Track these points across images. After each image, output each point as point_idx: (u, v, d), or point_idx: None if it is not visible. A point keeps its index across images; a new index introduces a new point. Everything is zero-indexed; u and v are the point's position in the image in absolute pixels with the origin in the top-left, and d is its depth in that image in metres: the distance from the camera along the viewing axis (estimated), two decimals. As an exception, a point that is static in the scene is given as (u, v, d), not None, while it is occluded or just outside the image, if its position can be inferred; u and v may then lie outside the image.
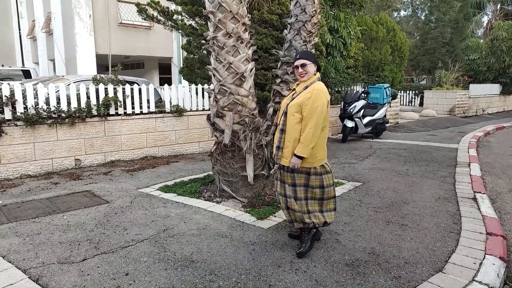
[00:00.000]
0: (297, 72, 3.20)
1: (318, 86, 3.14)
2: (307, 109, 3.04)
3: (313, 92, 3.08)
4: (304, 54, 3.24)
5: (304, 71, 3.16)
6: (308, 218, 3.24)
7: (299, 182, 3.23)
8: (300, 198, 3.24)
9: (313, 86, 3.13)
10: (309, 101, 3.04)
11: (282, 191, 3.29)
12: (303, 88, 3.17)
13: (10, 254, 3.20)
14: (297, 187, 3.24)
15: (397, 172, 6.19)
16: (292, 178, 3.23)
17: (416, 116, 15.01)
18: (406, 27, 35.06)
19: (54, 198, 4.74)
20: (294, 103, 3.12)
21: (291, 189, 3.25)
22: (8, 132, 5.59)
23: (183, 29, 8.37)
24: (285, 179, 3.25)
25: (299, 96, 3.13)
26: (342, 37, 10.34)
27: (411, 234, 3.69)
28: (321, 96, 3.08)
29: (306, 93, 3.11)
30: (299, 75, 3.20)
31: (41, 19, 16.86)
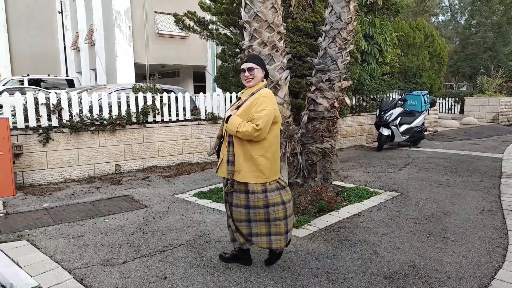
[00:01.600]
0: (243, 76, 2.96)
1: (264, 92, 2.89)
2: (256, 113, 2.77)
3: (260, 98, 2.83)
4: (252, 58, 3.05)
5: (251, 76, 2.92)
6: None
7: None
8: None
9: (259, 92, 2.88)
10: (255, 108, 2.79)
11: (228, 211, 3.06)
12: (248, 95, 2.91)
13: (56, 254, 3.37)
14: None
15: (437, 182, 5.97)
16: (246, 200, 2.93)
17: (457, 124, 14.42)
18: (445, 32, 33.91)
19: (96, 202, 4.95)
20: (239, 113, 2.85)
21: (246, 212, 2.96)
22: (54, 138, 5.90)
23: (218, 39, 8.53)
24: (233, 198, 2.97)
25: (245, 105, 2.87)
26: (377, 44, 10.15)
27: (454, 247, 3.54)
28: (268, 102, 2.82)
29: (251, 100, 2.85)
30: (245, 80, 2.95)
31: (84, 31, 17.77)
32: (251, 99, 2.87)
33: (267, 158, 2.87)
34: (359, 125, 10.32)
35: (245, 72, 2.93)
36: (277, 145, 2.99)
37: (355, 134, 10.23)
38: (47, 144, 5.83)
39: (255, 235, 2.98)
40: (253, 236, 2.98)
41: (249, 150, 2.83)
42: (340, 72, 5.19)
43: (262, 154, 2.84)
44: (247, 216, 2.93)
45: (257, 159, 2.83)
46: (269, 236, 2.95)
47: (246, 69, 2.94)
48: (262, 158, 2.84)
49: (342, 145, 9.73)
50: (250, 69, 2.93)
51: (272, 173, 2.91)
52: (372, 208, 4.69)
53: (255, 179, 2.85)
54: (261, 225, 2.94)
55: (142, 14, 14.85)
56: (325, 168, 5.22)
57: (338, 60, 5.15)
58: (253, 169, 2.84)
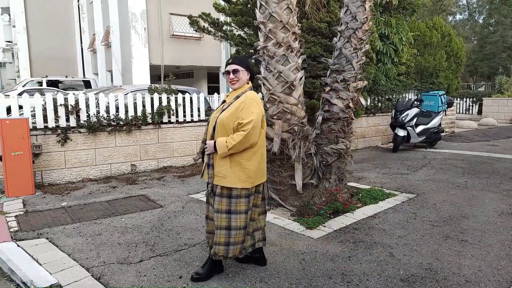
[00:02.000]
0: (227, 79, 2.89)
1: (251, 95, 2.83)
2: (243, 116, 2.71)
3: (246, 101, 2.77)
4: (236, 59, 2.95)
5: (236, 78, 2.85)
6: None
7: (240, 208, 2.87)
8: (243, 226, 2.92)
9: (246, 95, 2.82)
10: (243, 112, 2.72)
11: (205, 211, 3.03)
12: (233, 98, 2.84)
13: (75, 252, 3.43)
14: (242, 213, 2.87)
15: (454, 184, 5.86)
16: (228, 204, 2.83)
17: (474, 125, 14.14)
18: (462, 31, 33.28)
19: (112, 201, 5.02)
20: (224, 115, 2.77)
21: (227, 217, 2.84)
22: (72, 139, 6.02)
23: (232, 39, 8.57)
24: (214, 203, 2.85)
25: (231, 108, 2.80)
26: (393, 43, 10.03)
27: (472, 251, 3.47)
28: (255, 105, 2.77)
29: (238, 103, 2.78)
30: (230, 82, 2.88)
31: (100, 33, 18.07)
32: (237, 102, 2.80)
33: (255, 162, 2.81)
34: (374, 125, 10.22)
35: (230, 74, 2.86)
36: (264, 148, 2.93)
37: (370, 135, 10.13)
38: (65, 144, 5.95)
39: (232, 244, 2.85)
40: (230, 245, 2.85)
41: (236, 155, 2.76)
42: (355, 72, 5.15)
43: (249, 159, 2.78)
44: (228, 223, 2.81)
45: (244, 164, 2.77)
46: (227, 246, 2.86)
47: (230, 71, 2.86)
48: (249, 163, 2.78)
49: (357, 146, 9.64)
50: (234, 71, 2.85)
51: (258, 177, 2.87)
52: (388, 210, 4.64)
53: (242, 184, 2.78)
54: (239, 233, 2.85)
55: (157, 16, 15.02)
56: (339, 169, 5.18)
57: (353, 60, 5.12)
58: (240, 174, 2.77)
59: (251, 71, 2.96)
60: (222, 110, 2.84)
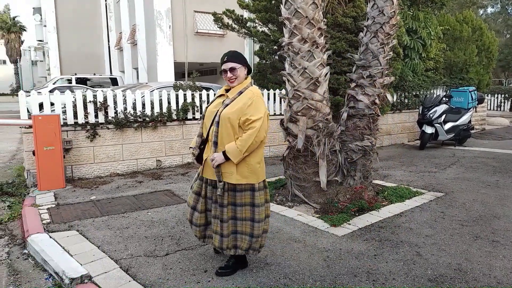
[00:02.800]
0: (225, 77, 2.83)
1: (257, 91, 2.83)
2: (251, 113, 2.70)
3: (253, 98, 2.75)
4: (232, 56, 2.84)
5: (233, 76, 2.79)
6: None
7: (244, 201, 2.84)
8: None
9: (252, 91, 2.80)
10: (251, 108, 2.71)
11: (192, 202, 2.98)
12: (237, 94, 2.79)
13: (104, 245, 3.54)
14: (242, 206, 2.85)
15: (485, 183, 5.67)
16: (233, 197, 2.83)
17: (506, 122, 13.60)
18: (494, 25, 32.01)
19: (139, 195, 5.14)
20: (229, 111, 2.72)
21: (232, 209, 2.84)
22: (101, 134, 6.19)
23: (256, 36, 8.57)
24: (223, 200, 2.81)
25: (235, 103, 2.74)
26: (421, 38, 9.75)
27: (504, 251, 3.35)
28: (262, 102, 2.81)
29: (244, 99, 2.74)
30: (229, 81, 2.82)
31: (127, 31, 18.45)
32: (243, 97, 2.76)
33: (258, 158, 2.82)
34: (400, 122, 9.99)
35: (227, 73, 2.80)
36: (264, 145, 2.89)
37: (395, 132, 9.91)
38: (94, 139, 6.13)
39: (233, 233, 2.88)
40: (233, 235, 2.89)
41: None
42: (382, 68, 5.05)
43: (253, 155, 2.78)
44: (234, 214, 2.84)
45: (250, 161, 2.77)
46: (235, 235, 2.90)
47: (227, 70, 2.80)
48: (253, 159, 2.78)
49: (382, 143, 9.46)
50: (232, 70, 2.80)
51: (262, 173, 2.88)
52: (415, 209, 4.54)
53: (246, 180, 2.79)
54: (246, 224, 2.86)
55: (182, 14, 15.19)
56: (364, 167, 5.11)
57: (380, 56, 5.02)
58: (243, 171, 2.77)
59: (248, 66, 2.90)
60: (225, 105, 2.77)
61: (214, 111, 2.83)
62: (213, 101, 2.96)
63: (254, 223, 2.84)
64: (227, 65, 2.81)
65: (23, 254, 3.53)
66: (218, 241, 2.87)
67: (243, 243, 2.88)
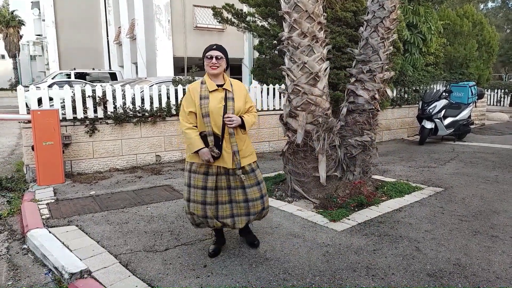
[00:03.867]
0: (209, 63, 2.95)
1: (242, 84, 3.21)
2: (250, 101, 3.15)
3: (245, 89, 3.15)
4: (220, 47, 3.02)
5: (217, 64, 2.95)
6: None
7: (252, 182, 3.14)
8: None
9: (238, 84, 3.14)
10: (248, 97, 3.13)
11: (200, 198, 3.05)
12: (230, 85, 3.03)
13: (103, 240, 3.54)
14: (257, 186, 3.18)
15: (484, 178, 5.67)
16: (255, 178, 3.13)
17: (506, 117, 13.60)
18: (494, 19, 31.88)
19: (138, 190, 5.14)
20: (240, 104, 3.01)
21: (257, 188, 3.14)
22: (100, 129, 6.18)
23: (255, 30, 8.52)
24: (246, 181, 3.06)
25: (237, 95, 3.02)
26: (421, 33, 9.71)
27: (503, 247, 3.36)
28: None
29: (240, 90, 3.08)
30: (211, 66, 2.95)
31: (126, 25, 18.36)
32: (239, 89, 3.07)
33: None
34: (399, 117, 9.98)
35: (213, 59, 2.94)
36: None
37: (395, 127, 9.91)
38: (93, 134, 6.12)
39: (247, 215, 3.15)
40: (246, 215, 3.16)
41: (245, 136, 3.09)
42: (382, 62, 5.03)
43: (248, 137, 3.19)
44: (261, 192, 3.13)
45: (249, 141, 3.16)
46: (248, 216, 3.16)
47: (214, 57, 2.95)
48: (249, 139, 3.19)
49: (382, 138, 9.46)
50: (218, 58, 2.96)
51: None
52: (414, 204, 4.54)
53: (254, 158, 3.17)
54: (257, 204, 3.12)
55: (181, 8, 15.11)
56: (364, 162, 5.10)
57: (380, 51, 4.99)
58: (250, 151, 3.14)
59: (228, 62, 3.11)
60: (231, 99, 2.98)
61: (221, 106, 2.94)
62: (206, 97, 2.94)
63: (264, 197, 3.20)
64: (215, 53, 2.97)
65: (22, 249, 3.53)
66: (245, 220, 3.15)
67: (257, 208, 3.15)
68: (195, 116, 2.97)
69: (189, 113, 2.97)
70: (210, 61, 2.95)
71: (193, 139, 2.93)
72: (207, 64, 2.96)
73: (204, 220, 3.10)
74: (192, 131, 2.96)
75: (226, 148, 2.97)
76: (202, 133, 2.95)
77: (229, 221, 3.11)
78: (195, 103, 2.94)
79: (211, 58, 2.95)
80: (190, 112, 2.96)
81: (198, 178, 3.02)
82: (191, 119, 2.98)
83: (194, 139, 2.93)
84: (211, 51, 2.97)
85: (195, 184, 3.03)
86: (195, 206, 3.05)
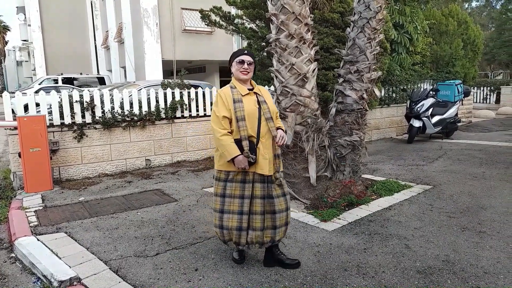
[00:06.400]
0: (241, 68, 2.86)
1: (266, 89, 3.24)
2: (275, 106, 3.08)
3: (267, 91, 3.09)
4: (251, 53, 2.95)
5: (249, 69, 2.89)
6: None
7: None
8: None
9: (260, 86, 3.06)
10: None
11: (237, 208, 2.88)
12: (260, 91, 2.97)
13: (93, 246, 3.50)
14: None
15: (471, 175, 5.75)
16: (281, 188, 2.98)
17: (492, 114, 13.82)
18: (479, 18, 32.44)
19: (128, 195, 5.10)
20: (273, 107, 2.97)
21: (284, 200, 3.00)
22: (88, 135, 6.11)
23: (243, 33, 8.53)
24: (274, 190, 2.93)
25: (267, 99, 2.96)
26: (408, 32, 9.84)
27: (491, 242, 3.41)
28: None
29: (267, 94, 3.02)
30: (244, 71, 2.87)
31: (113, 29, 18.22)
32: (266, 93, 3.00)
33: None
34: (388, 117, 10.08)
35: (244, 64, 2.87)
36: None
37: (384, 126, 10.00)
38: (81, 140, 6.05)
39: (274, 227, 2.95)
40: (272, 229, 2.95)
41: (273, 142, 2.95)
42: (369, 63, 5.08)
43: None
44: (286, 204, 2.96)
45: None
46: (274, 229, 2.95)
47: (246, 62, 2.87)
48: None
49: (371, 138, 9.53)
50: (249, 63, 2.90)
51: None
52: (404, 202, 4.59)
53: (281, 167, 3.03)
54: (282, 216, 2.94)
55: (169, 11, 15.05)
56: (354, 161, 5.14)
57: (367, 51, 5.04)
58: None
59: (255, 67, 3.09)
60: (264, 102, 2.89)
61: (256, 108, 2.85)
62: (240, 101, 2.81)
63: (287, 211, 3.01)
64: (247, 58, 2.89)
65: (10, 257, 3.48)
66: (270, 234, 2.92)
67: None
68: (228, 122, 2.80)
69: (223, 118, 2.78)
70: (241, 66, 2.87)
71: (229, 146, 2.75)
72: (238, 69, 2.88)
73: (236, 234, 2.89)
74: (227, 137, 2.76)
75: (264, 153, 2.83)
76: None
77: (259, 234, 2.91)
78: (228, 108, 2.79)
79: (243, 63, 2.86)
80: (223, 117, 2.78)
81: (236, 186, 2.86)
82: (225, 124, 2.78)
83: (230, 146, 2.75)
84: (242, 55, 2.88)
85: (232, 194, 2.86)
86: (230, 217, 2.86)
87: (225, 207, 2.88)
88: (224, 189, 2.89)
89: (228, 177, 2.87)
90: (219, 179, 2.91)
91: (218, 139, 2.79)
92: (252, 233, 2.91)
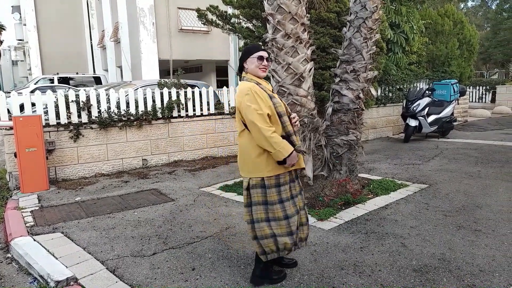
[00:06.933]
0: (261, 64, 2.66)
1: None
2: None
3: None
4: (266, 51, 2.78)
5: (267, 66, 2.72)
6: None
7: None
8: None
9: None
10: None
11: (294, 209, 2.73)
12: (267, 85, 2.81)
13: (89, 246, 3.50)
14: None
15: (467, 173, 5.79)
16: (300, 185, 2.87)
17: (488, 114, 13.90)
18: (474, 18, 32.60)
19: (125, 195, 5.09)
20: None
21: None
22: (84, 134, 6.10)
23: (240, 32, 8.53)
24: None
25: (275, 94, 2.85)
26: (404, 32, 9.87)
27: (486, 240, 3.44)
28: None
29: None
30: (263, 68, 2.68)
31: (109, 29, 18.17)
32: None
33: None
34: (384, 116, 10.12)
35: (264, 60, 2.68)
36: None
37: (380, 125, 10.03)
38: (77, 140, 6.03)
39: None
40: None
41: None
42: (366, 62, 5.09)
43: None
44: (303, 202, 2.90)
45: None
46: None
47: (265, 58, 2.69)
48: None
49: (368, 137, 9.57)
50: (268, 60, 2.73)
51: None
52: (400, 201, 4.61)
53: None
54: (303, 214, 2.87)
55: (166, 11, 15.03)
56: (350, 160, 5.15)
57: (363, 50, 5.05)
58: None
59: None
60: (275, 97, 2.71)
61: (281, 103, 2.70)
62: (274, 97, 2.67)
63: None
64: (266, 54, 2.72)
65: (6, 258, 3.46)
66: (305, 230, 2.85)
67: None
68: (269, 119, 2.60)
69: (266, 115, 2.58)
70: (261, 63, 2.66)
71: (283, 142, 2.54)
72: (258, 65, 2.66)
73: (290, 240, 2.70)
74: (276, 134, 2.55)
75: (298, 145, 2.70)
76: None
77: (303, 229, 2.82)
78: (268, 105, 2.58)
79: (262, 59, 2.67)
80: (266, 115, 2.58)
81: (286, 188, 2.70)
82: (269, 122, 2.57)
83: (284, 142, 2.55)
84: (261, 51, 2.68)
85: (287, 197, 2.69)
86: (294, 221, 2.70)
87: (288, 212, 2.68)
88: (279, 194, 2.66)
89: (279, 181, 2.66)
90: (270, 186, 2.65)
91: (269, 137, 2.50)
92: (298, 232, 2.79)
